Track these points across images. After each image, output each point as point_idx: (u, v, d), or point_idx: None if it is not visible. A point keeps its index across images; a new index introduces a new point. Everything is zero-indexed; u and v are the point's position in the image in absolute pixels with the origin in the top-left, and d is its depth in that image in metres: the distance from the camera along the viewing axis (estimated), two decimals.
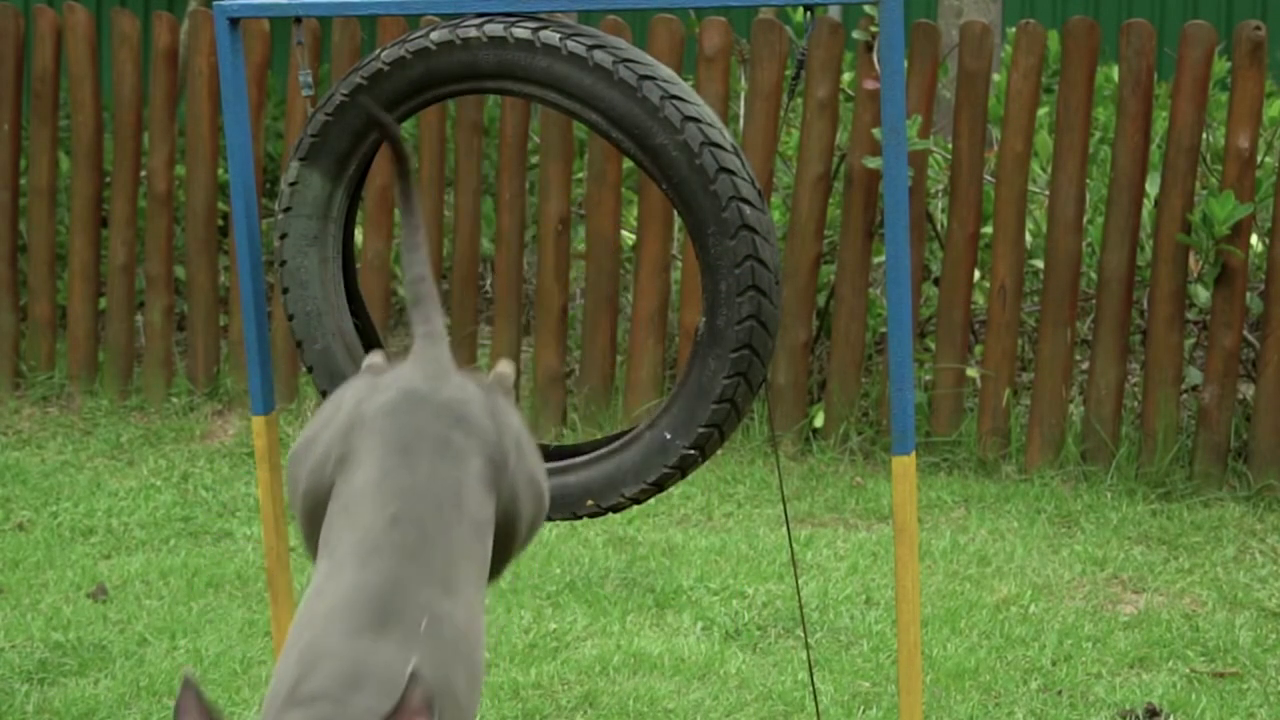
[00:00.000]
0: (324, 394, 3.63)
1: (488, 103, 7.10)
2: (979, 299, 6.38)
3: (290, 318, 3.65)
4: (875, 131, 5.89)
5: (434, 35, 3.43)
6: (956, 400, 6.03)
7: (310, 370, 3.66)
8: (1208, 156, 6.32)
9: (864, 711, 4.31)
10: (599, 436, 5.71)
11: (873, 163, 5.91)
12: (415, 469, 2.95)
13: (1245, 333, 6.02)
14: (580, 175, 7.23)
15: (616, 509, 3.54)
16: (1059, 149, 5.88)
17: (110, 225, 6.73)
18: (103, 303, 6.82)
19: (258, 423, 3.73)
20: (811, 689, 4.26)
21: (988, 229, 6.25)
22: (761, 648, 4.67)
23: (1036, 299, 6.41)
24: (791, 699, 4.37)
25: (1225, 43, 7.12)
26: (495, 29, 3.39)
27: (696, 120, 3.34)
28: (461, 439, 3.01)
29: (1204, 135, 6.14)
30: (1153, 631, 4.77)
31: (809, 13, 3.59)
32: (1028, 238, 6.24)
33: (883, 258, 6.22)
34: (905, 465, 3.42)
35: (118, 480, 5.93)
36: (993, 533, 5.48)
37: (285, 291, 3.63)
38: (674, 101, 3.34)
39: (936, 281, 6.32)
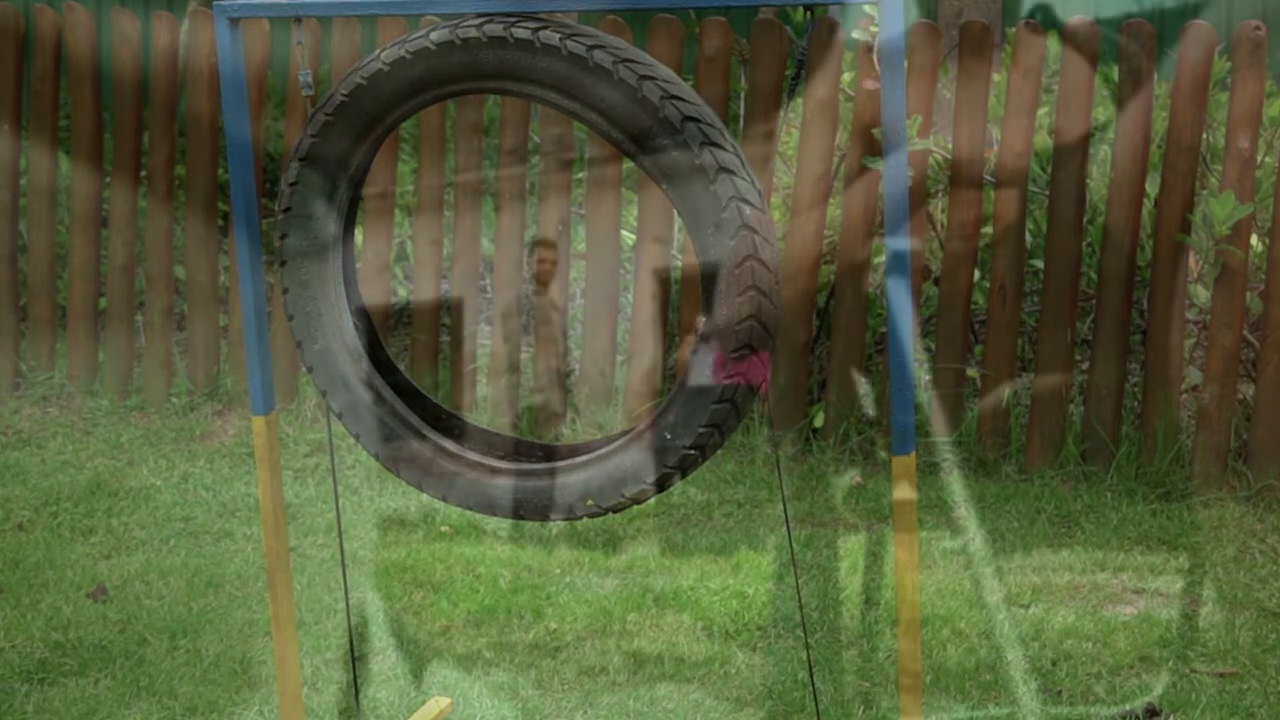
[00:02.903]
0: (324, 394, 3.63)
1: (488, 103, 7.10)
2: (979, 299, 6.38)
3: (290, 318, 3.65)
4: (875, 131, 5.89)
5: (434, 35, 3.44)
6: (956, 400, 6.03)
7: (310, 370, 3.66)
8: (1208, 156, 6.32)
9: (864, 711, 4.31)
10: (599, 436, 5.72)
11: (873, 163, 5.91)
12: None
13: (1245, 333, 6.02)
14: (580, 175, 7.23)
15: (616, 509, 3.54)
16: (1059, 149, 5.88)
17: (110, 225, 6.73)
18: (103, 303, 6.82)
19: (258, 423, 3.74)
20: (812, 689, 4.26)
21: (988, 229, 6.25)
22: (761, 648, 4.67)
23: (1036, 299, 6.41)
24: (791, 699, 4.37)
25: (1225, 43, 7.12)
26: (495, 29, 3.39)
27: (696, 120, 3.34)
28: None
29: (1204, 135, 6.14)
30: (1153, 631, 4.77)
31: (809, 13, 3.59)
32: (1028, 238, 6.23)
33: (883, 258, 6.22)
34: (905, 465, 3.42)
35: (118, 480, 5.93)
36: (993, 533, 5.48)
37: (285, 291, 3.63)
38: (674, 101, 3.34)
39: (936, 281, 6.32)
